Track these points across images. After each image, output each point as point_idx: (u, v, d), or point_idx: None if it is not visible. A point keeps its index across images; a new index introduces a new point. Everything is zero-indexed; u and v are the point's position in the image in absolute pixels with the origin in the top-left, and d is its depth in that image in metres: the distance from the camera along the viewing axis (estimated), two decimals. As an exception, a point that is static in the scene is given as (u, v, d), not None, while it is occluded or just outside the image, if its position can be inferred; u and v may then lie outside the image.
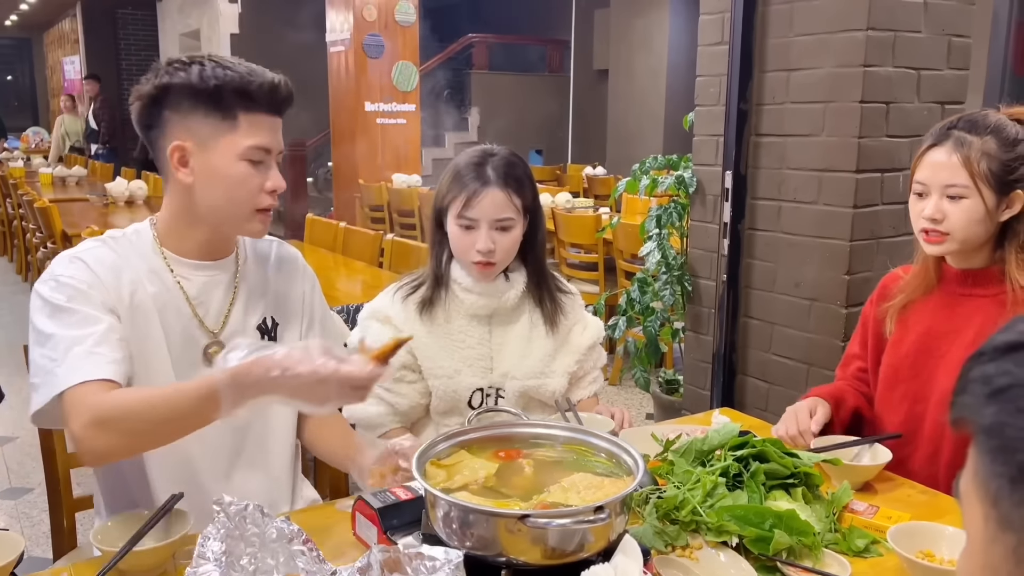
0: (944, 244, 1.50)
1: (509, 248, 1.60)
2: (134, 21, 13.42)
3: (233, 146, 1.28)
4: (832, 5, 2.45)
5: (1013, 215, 1.48)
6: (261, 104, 1.29)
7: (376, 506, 1.17)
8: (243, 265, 1.44)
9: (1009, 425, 0.38)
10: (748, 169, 2.75)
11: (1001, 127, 1.47)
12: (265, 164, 1.31)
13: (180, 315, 1.37)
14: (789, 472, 1.31)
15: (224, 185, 1.30)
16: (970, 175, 1.45)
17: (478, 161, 1.58)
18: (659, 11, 9.41)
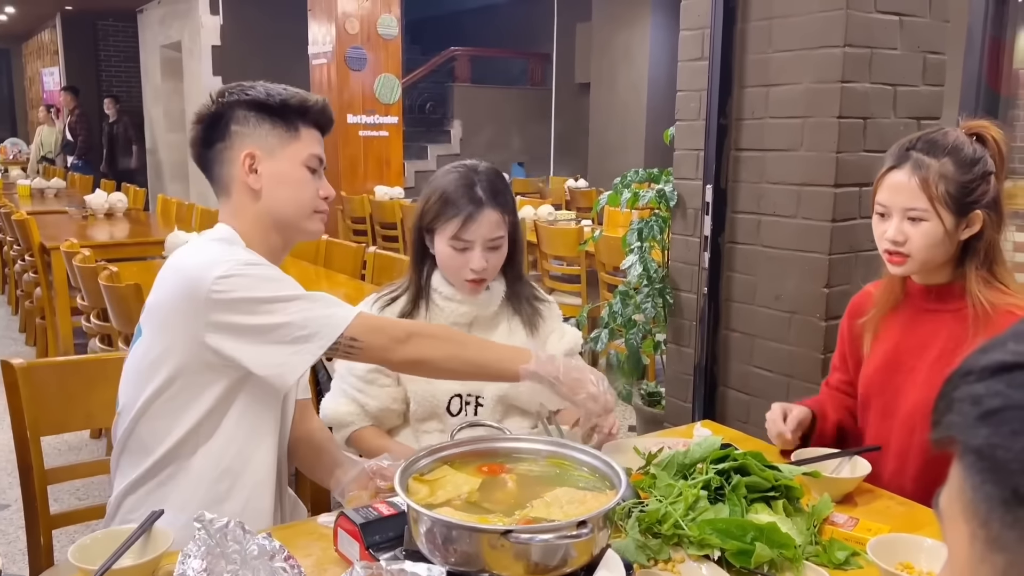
0: (906, 265, 1.53)
1: (498, 264, 1.64)
2: (114, 32, 13.34)
3: (297, 154, 1.45)
4: (810, 22, 2.49)
5: (973, 234, 1.50)
6: (315, 120, 1.47)
7: (358, 522, 1.17)
8: None
9: (1001, 447, 0.39)
10: (728, 183, 2.78)
11: (959, 147, 1.49)
12: (319, 173, 1.48)
13: None
14: (770, 485, 1.32)
15: (290, 188, 1.45)
16: (929, 199, 1.47)
17: (467, 182, 1.60)
18: (640, 26, 9.50)
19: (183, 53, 11.17)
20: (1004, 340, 0.43)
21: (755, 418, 2.76)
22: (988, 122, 1.54)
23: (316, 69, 7.57)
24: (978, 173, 1.48)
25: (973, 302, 1.50)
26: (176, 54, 11.46)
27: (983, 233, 1.50)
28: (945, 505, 0.44)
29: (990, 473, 0.39)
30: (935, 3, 2.56)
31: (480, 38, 12.40)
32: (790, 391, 2.64)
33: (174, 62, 11.60)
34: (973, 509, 0.41)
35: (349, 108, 7.35)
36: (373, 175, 7.52)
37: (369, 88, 7.41)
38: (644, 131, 9.37)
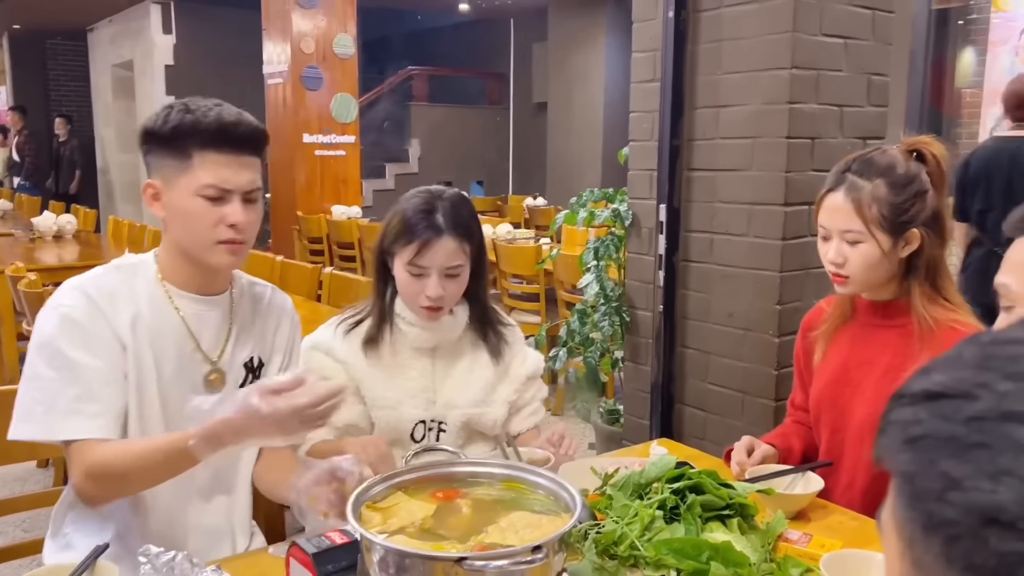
0: (847, 285, 1.56)
1: (457, 292, 1.62)
2: (64, 51, 13.10)
3: (189, 184, 1.35)
4: (758, 45, 2.54)
5: (912, 251, 1.53)
6: (213, 143, 1.35)
7: (311, 551, 1.15)
8: (237, 304, 1.51)
9: (919, 475, 0.40)
10: (681, 203, 2.81)
11: (892, 168, 1.51)
12: (225, 200, 1.36)
13: (178, 344, 1.43)
14: (725, 503, 1.33)
15: (186, 219, 1.37)
16: (863, 221, 1.49)
17: (427, 208, 1.58)
18: (596, 47, 9.62)
19: (135, 72, 11.02)
20: (936, 366, 0.44)
21: (711, 435, 2.78)
22: (929, 138, 1.57)
23: (271, 89, 7.52)
24: (912, 192, 1.51)
25: (917, 318, 1.52)
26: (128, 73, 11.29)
27: (923, 250, 1.53)
28: (884, 520, 0.45)
29: (912, 499, 0.40)
30: (878, 26, 2.64)
31: (438, 57, 12.44)
32: (745, 407, 2.67)
33: (126, 81, 11.43)
34: (901, 529, 0.42)
35: (305, 128, 7.31)
36: (330, 195, 7.47)
37: (325, 108, 7.37)
38: (601, 150, 9.48)
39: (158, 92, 10.34)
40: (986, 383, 0.40)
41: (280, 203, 7.61)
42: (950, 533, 0.38)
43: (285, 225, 7.49)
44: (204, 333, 1.45)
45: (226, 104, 1.39)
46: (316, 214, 7.15)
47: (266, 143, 1.43)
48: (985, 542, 0.36)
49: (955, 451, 0.38)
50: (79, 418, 1.32)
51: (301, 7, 7.14)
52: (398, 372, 1.65)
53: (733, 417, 2.71)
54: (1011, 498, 0.36)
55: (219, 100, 1.40)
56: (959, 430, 0.39)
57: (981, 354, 0.43)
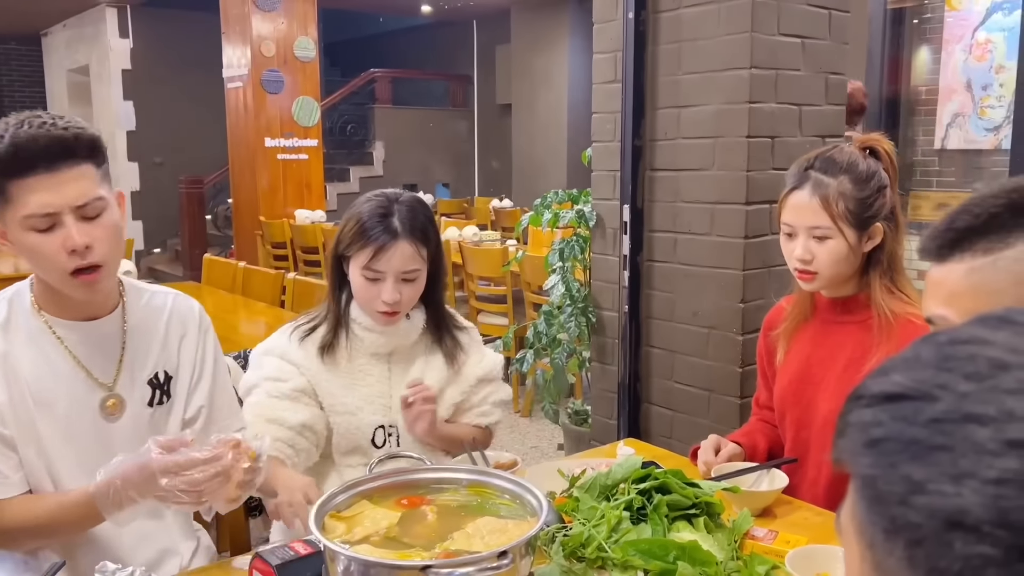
0: (815, 281, 1.57)
1: (413, 297, 1.61)
2: (18, 56, 12.82)
3: (14, 220, 1.22)
4: (717, 45, 2.56)
5: (875, 245, 1.56)
6: (17, 168, 1.18)
7: (274, 563, 1.13)
8: (130, 319, 1.41)
9: (881, 478, 0.39)
10: (644, 203, 2.82)
11: (854, 164, 1.55)
12: (58, 226, 1.21)
13: (68, 377, 1.33)
14: (691, 502, 1.33)
15: (27, 256, 1.26)
16: (831, 217, 1.52)
17: (383, 212, 1.56)
18: (558, 48, 9.65)
19: (91, 77, 10.83)
20: (894, 366, 0.43)
21: (678, 433, 2.80)
22: (879, 135, 1.61)
23: (232, 92, 7.43)
24: (874, 187, 1.55)
25: (878, 312, 1.55)
26: (84, 78, 11.09)
27: (884, 244, 1.56)
28: (844, 522, 0.44)
29: (873, 502, 0.40)
30: (835, 26, 2.67)
31: (400, 60, 12.40)
32: (711, 405, 2.69)
33: (82, 86, 11.22)
34: (861, 531, 0.41)
35: (267, 131, 7.24)
36: (293, 199, 7.40)
37: (287, 111, 7.30)
38: (566, 151, 9.51)
39: (115, 97, 10.17)
40: (945, 384, 0.40)
41: (243, 208, 7.52)
42: (913, 537, 0.37)
43: (248, 230, 7.41)
44: (93, 359, 1.35)
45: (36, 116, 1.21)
46: (279, 219, 7.08)
47: (86, 144, 1.23)
48: (949, 546, 0.36)
49: (917, 454, 0.38)
50: None
51: (261, 10, 7.07)
52: (356, 378, 1.63)
53: (699, 415, 2.73)
54: (974, 501, 0.36)
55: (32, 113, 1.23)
56: (920, 432, 0.39)
57: (939, 354, 0.42)
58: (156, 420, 1.43)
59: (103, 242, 1.25)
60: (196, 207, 9.03)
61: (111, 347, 1.38)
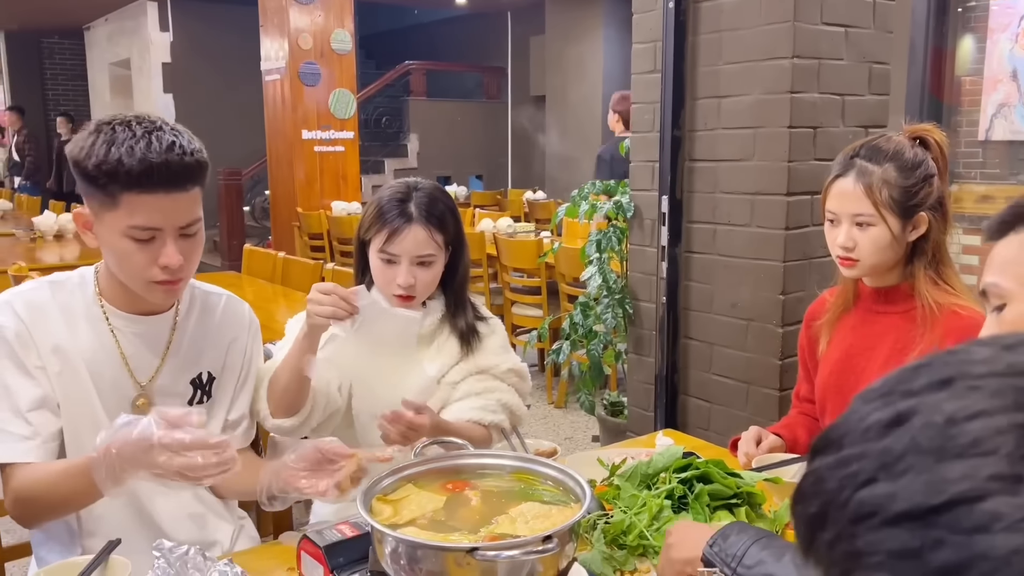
0: (856, 268, 1.57)
1: (429, 282, 1.61)
2: (61, 50, 13.09)
3: (115, 224, 1.26)
4: (758, 35, 2.54)
5: (920, 235, 1.55)
6: (140, 186, 1.22)
7: (321, 544, 1.15)
8: (183, 320, 1.45)
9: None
10: (683, 194, 2.81)
11: (900, 152, 1.54)
12: (157, 240, 1.27)
13: (112, 365, 1.38)
14: (732, 492, 1.33)
15: (114, 257, 1.31)
16: (874, 204, 1.51)
17: (401, 197, 1.59)
18: (593, 39, 9.61)
19: (132, 71, 11.01)
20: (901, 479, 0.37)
21: (716, 425, 2.79)
22: (931, 125, 1.59)
23: (270, 85, 7.51)
24: (920, 176, 1.53)
25: (922, 302, 1.54)
26: (125, 71, 11.28)
27: (929, 234, 1.55)
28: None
29: None
30: (878, 15, 2.63)
31: (435, 52, 12.43)
32: (749, 397, 2.67)
33: (123, 80, 11.42)
34: None
35: (304, 124, 7.30)
36: (329, 191, 7.47)
37: (324, 103, 7.36)
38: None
39: (156, 90, 10.34)
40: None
41: (280, 199, 7.61)
42: None
43: (285, 221, 7.49)
44: (137, 356, 1.40)
45: (159, 130, 1.25)
46: (316, 210, 7.15)
47: (204, 171, 1.29)
48: None
49: None
50: (6, 441, 1.28)
51: (298, 3, 7.12)
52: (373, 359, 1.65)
53: (737, 407, 2.71)
54: None
55: (153, 121, 1.26)
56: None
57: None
58: None
59: (192, 260, 1.32)
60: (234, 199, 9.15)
61: (158, 345, 1.42)
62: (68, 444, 1.36)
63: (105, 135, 1.23)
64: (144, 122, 1.25)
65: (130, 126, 1.24)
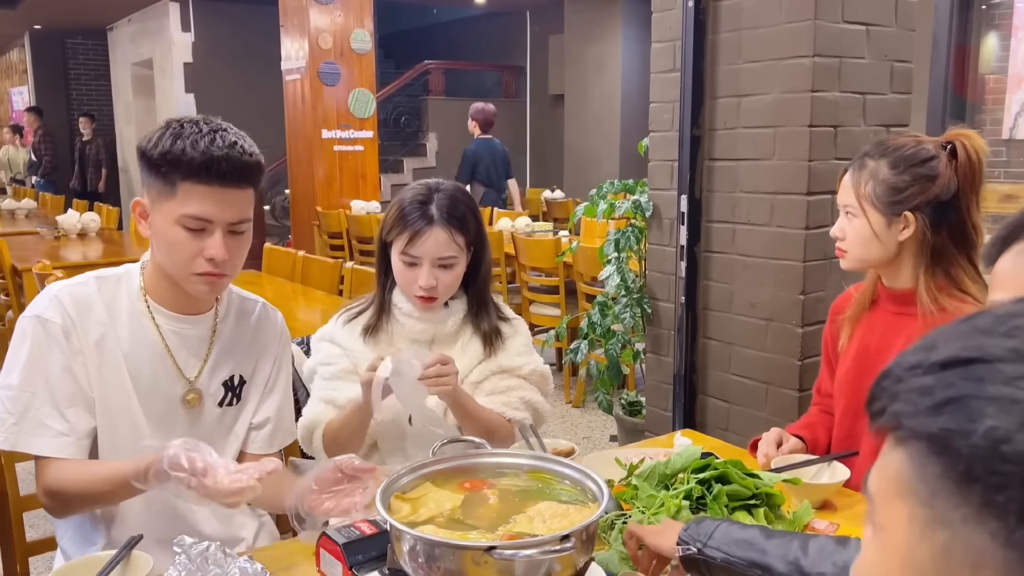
0: (846, 259, 1.61)
1: (451, 284, 1.62)
2: (84, 51, 13.23)
3: (171, 211, 1.32)
4: (779, 33, 2.52)
5: (910, 235, 1.53)
6: (198, 176, 1.30)
7: (340, 541, 1.16)
8: (221, 322, 1.49)
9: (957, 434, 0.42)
10: (702, 193, 2.80)
11: (901, 149, 1.53)
12: (207, 231, 1.33)
13: (156, 362, 1.42)
14: (751, 493, 1.33)
15: (165, 245, 1.35)
16: (856, 196, 1.54)
17: (423, 199, 1.60)
18: (612, 38, 9.57)
19: (154, 71, 11.10)
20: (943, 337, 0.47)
21: (735, 425, 2.77)
22: (971, 132, 1.55)
23: (290, 84, 7.55)
24: (914, 175, 1.51)
25: (922, 307, 1.53)
26: (147, 71, 11.38)
27: (923, 236, 1.52)
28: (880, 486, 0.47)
29: (941, 457, 0.43)
30: (901, 12, 2.61)
31: (453, 51, 12.43)
32: (768, 398, 2.66)
33: (146, 80, 11.52)
34: (914, 490, 0.44)
35: (323, 123, 7.33)
36: (349, 190, 7.50)
37: (343, 103, 7.39)
38: (619, 142, 9.44)
39: (177, 90, 10.42)
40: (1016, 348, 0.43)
41: (300, 199, 7.65)
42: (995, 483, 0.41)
43: (305, 220, 7.53)
44: (183, 351, 1.44)
45: (224, 131, 1.34)
46: (335, 209, 7.18)
47: (259, 173, 1.38)
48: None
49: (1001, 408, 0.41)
50: (44, 435, 1.33)
51: (318, 2, 7.16)
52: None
53: (757, 408, 2.70)
54: None
55: (221, 124, 1.35)
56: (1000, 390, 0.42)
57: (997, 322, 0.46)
58: (224, 420, 1.50)
59: (237, 257, 1.37)
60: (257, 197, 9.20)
61: (200, 345, 1.46)
62: (101, 440, 1.39)
63: (173, 129, 1.32)
64: (212, 123, 1.34)
65: (198, 124, 1.33)
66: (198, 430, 1.45)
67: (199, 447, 1.14)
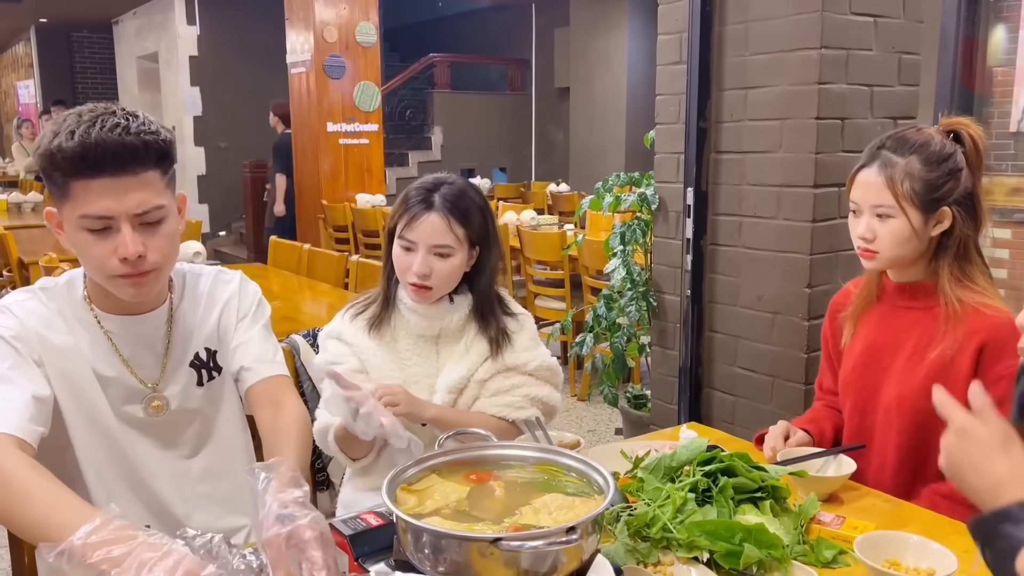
0: (875, 260, 1.55)
1: (447, 275, 1.60)
2: (90, 44, 13.25)
3: (70, 215, 1.21)
4: (786, 25, 2.51)
5: (944, 230, 1.52)
6: (81, 169, 1.17)
7: (347, 533, 1.16)
8: (177, 311, 1.41)
9: None
10: (709, 185, 2.79)
11: (927, 145, 1.51)
12: (113, 228, 1.20)
13: (114, 369, 1.35)
14: (757, 486, 1.32)
15: (78, 253, 1.24)
16: (894, 196, 1.49)
17: (429, 187, 1.60)
18: (618, 31, 9.55)
19: (160, 64, 11.11)
20: None
21: (740, 419, 2.77)
22: (967, 119, 1.56)
23: (295, 78, 7.55)
24: (946, 170, 1.50)
25: (945, 300, 1.51)
26: (153, 65, 11.39)
27: (954, 230, 1.52)
28: None
29: None
30: (909, 4, 2.59)
31: (459, 44, 12.42)
32: (774, 391, 2.66)
33: (151, 73, 11.53)
34: None
35: (329, 116, 7.33)
36: (354, 183, 7.50)
37: (348, 96, 7.39)
38: (624, 135, 9.42)
39: (183, 83, 10.42)
40: None
41: (305, 192, 7.66)
42: None
43: (310, 213, 7.54)
44: (136, 357, 1.36)
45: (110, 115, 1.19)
46: (341, 202, 7.19)
47: (158, 152, 1.21)
48: None
49: None
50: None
51: (323, -4, 7.16)
52: (402, 358, 1.66)
53: (762, 401, 2.70)
54: None
55: (111, 109, 1.21)
56: None
57: None
58: (212, 395, 1.45)
59: (157, 251, 1.24)
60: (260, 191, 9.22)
61: (156, 343, 1.38)
62: (79, 450, 1.32)
63: (53, 125, 1.20)
64: (97, 109, 1.21)
65: (80, 114, 1.20)
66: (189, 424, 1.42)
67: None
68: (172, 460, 1.43)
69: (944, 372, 1.49)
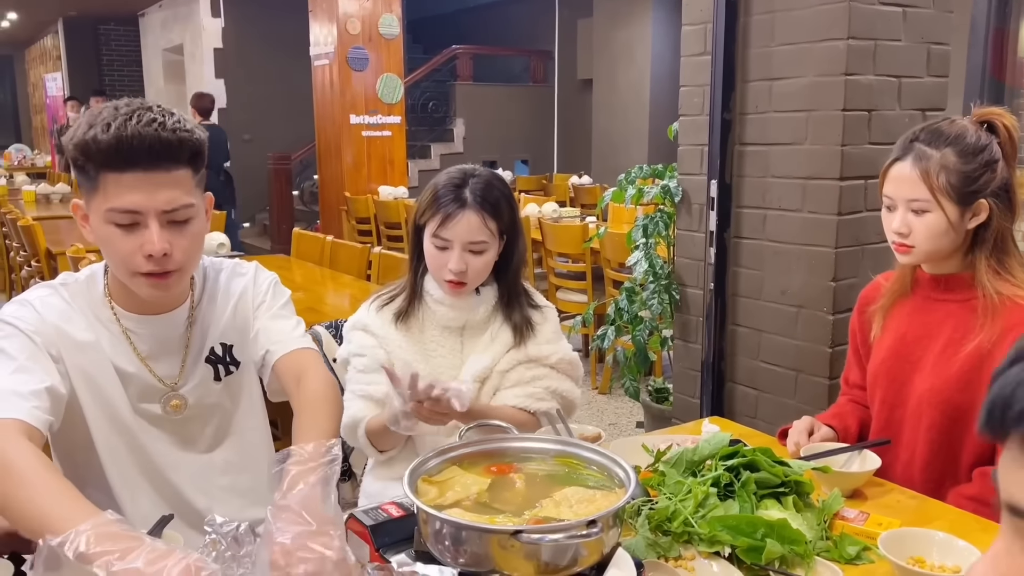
0: (911, 255, 1.53)
1: (481, 269, 1.61)
2: (116, 37, 13.38)
3: (98, 208, 1.20)
4: (813, 15, 2.48)
5: (981, 222, 1.50)
6: (114, 162, 1.17)
7: (368, 523, 1.17)
8: (197, 310, 1.41)
9: None
10: (733, 178, 2.77)
11: (962, 137, 1.48)
12: (141, 224, 1.20)
13: (133, 370, 1.35)
14: (780, 481, 1.31)
15: (103, 247, 1.24)
16: (930, 189, 1.47)
17: (458, 183, 1.59)
18: (641, 22, 9.49)
19: (185, 56, 11.20)
20: None
21: (763, 413, 2.75)
22: (1001, 109, 1.53)
23: (318, 70, 7.58)
24: (982, 162, 1.47)
25: (983, 292, 1.49)
26: (178, 57, 11.49)
27: (992, 222, 1.49)
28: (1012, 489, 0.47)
29: None
30: (938, -7, 2.55)
31: (481, 36, 12.40)
32: (798, 386, 2.63)
33: (176, 65, 11.63)
34: None
35: (352, 109, 7.36)
36: (377, 175, 7.53)
37: (371, 88, 7.41)
38: (647, 127, 9.37)
39: (208, 75, 10.50)
40: None
41: (328, 184, 7.70)
42: None
43: (333, 206, 7.58)
44: (155, 357, 1.36)
45: (146, 110, 1.19)
46: (363, 195, 7.22)
47: (190, 150, 1.21)
48: None
49: None
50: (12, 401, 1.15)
51: (347, -12, 7.17)
52: (428, 349, 1.66)
53: (786, 396, 2.68)
54: None
55: (147, 104, 1.20)
56: None
57: None
58: (231, 390, 1.45)
59: (182, 250, 1.24)
60: (284, 183, 9.28)
61: (175, 342, 1.38)
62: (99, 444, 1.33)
63: (89, 117, 1.20)
64: (134, 104, 1.20)
65: (117, 108, 1.19)
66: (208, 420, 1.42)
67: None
68: (192, 455, 1.43)
69: (980, 365, 1.47)
